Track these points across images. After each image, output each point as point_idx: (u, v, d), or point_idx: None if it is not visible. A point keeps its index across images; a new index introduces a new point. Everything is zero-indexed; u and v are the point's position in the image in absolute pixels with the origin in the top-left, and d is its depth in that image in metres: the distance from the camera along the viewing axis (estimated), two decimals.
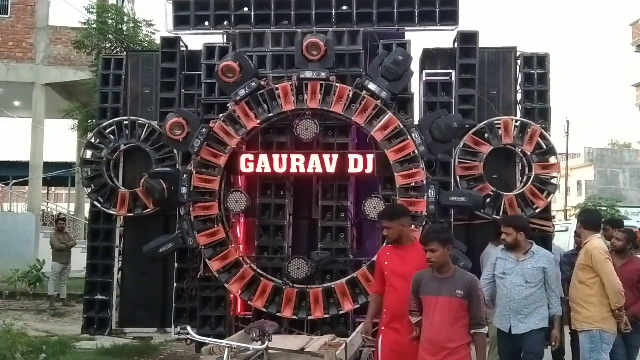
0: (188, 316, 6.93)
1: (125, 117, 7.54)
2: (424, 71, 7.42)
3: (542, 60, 7.34)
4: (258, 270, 6.66)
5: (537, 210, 6.95)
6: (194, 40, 7.87)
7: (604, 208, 32.12)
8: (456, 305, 4.13)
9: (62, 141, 23.99)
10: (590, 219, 5.75)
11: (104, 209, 7.45)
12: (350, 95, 6.56)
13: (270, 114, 6.66)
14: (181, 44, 7.59)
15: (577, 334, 5.65)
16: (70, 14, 16.31)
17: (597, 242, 5.44)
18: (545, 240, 7.01)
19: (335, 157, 6.59)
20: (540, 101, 7.25)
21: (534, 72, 7.30)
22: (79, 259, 12.34)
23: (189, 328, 4.50)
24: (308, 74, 6.55)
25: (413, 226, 6.30)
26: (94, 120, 10.00)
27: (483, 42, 7.29)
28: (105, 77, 7.81)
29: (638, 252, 6.55)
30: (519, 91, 7.36)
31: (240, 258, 6.68)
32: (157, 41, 8.80)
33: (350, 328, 6.40)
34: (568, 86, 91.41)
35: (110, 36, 14.09)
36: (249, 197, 6.66)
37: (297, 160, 6.61)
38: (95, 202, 7.51)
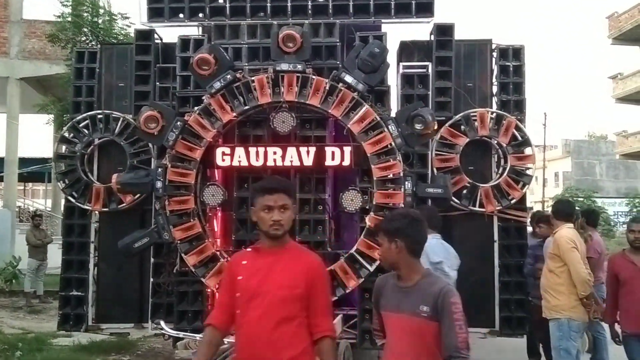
0: (165, 311, 6.86)
1: (100, 111, 7.44)
2: (400, 64, 7.41)
3: (517, 53, 7.39)
4: None
5: (512, 201, 7.02)
6: (168, 33, 7.79)
7: (581, 199, 32.65)
8: (419, 327, 2.93)
9: (38, 137, 23.67)
10: (562, 209, 5.81)
11: (79, 204, 7.36)
12: (327, 88, 6.53)
13: (247, 107, 6.61)
14: (156, 36, 7.51)
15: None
16: (45, 7, 16.13)
17: (565, 232, 5.50)
18: (520, 230, 7.09)
19: (312, 150, 6.57)
20: (516, 93, 7.30)
21: (509, 64, 7.35)
22: (55, 256, 12.17)
23: (162, 323, 4.47)
24: (284, 67, 6.50)
25: None
26: (68, 115, 9.87)
27: (459, 34, 7.34)
28: (79, 71, 7.71)
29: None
30: (495, 83, 7.40)
31: (217, 252, 6.64)
32: (133, 34, 8.71)
33: None
34: (546, 79, 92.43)
35: (86, 30, 13.93)
36: (225, 191, 6.61)
37: (274, 153, 6.58)
38: (70, 197, 7.42)
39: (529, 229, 7.56)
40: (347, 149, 6.55)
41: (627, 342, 5.21)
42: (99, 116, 7.42)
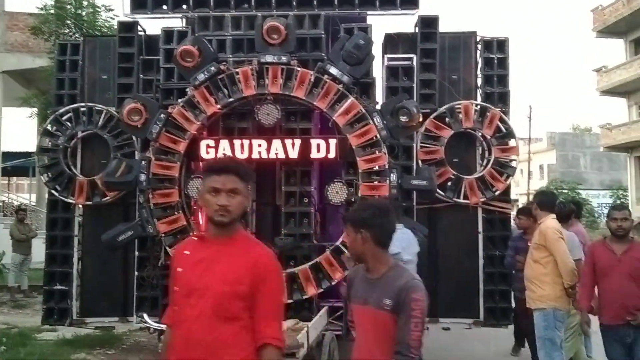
0: (150, 305, 6.84)
1: (83, 104, 7.40)
2: (385, 56, 7.41)
3: (501, 45, 7.42)
4: None
5: (496, 193, 7.07)
6: (152, 25, 7.72)
7: (566, 191, 32.94)
8: (383, 321, 2.79)
9: (22, 130, 23.42)
10: (546, 200, 5.82)
11: (62, 198, 7.31)
12: (312, 80, 6.52)
13: (231, 99, 6.58)
14: (139, 28, 7.45)
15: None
16: None
17: (551, 223, 5.53)
18: (504, 222, 7.14)
19: (297, 142, 6.56)
20: (500, 85, 7.33)
21: (493, 56, 7.38)
22: (40, 250, 12.06)
23: (145, 316, 4.45)
24: (269, 58, 6.48)
25: None
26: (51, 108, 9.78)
27: (444, 27, 7.37)
28: (62, 63, 7.65)
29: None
30: (479, 76, 7.43)
31: None
32: (116, 26, 8.63)
33: (314, 313, 6.41)
34: (531, 72, 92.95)
35: (69, 22, 13.78)
36: None
37: (259, 146, 6.56)
38: (53, 191, 7.37)
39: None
40: (333, 142, 6.55)
41: (603, 334, 5.13)
42: (82, 109, 7.37)
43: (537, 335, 5.51)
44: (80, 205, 7.33)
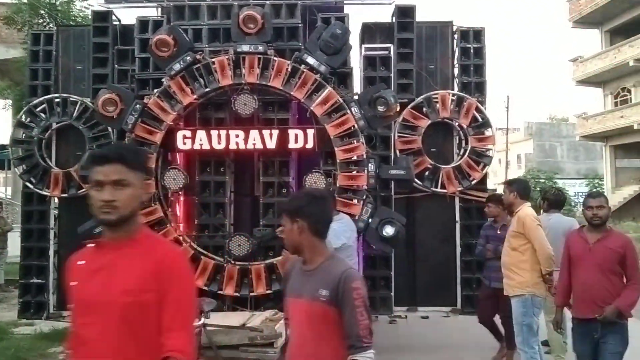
0: None
1: (57, 95, 7.30)
2: (363, 45, 7.42)
3: (478, 35, 7.46)
4: (198, 248, 6.58)
5: (473, 182, 7.14)
6: (127, 14, 7.63)
7: (543, 180, 33.34)
8: (318, 312, 2.64)
9: None
10: (524, 188, 5.84)
11: (37, 190, 7.22)
12: (289, 70, 6.49)
13: (207, 89, 6.53)
14: (114, 17, 7.35)
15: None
16: None
17: (528, 210, 5.58)
18: (481, 211, 7.20)
19: (275, 132, 6.54)
20: (477, 75, 7.39)
21: (470, 46, 7.42)
22: (16, 244, 11.92)
23: None
24: (245, 48, 6.44)
25: (355, 200, 6.43)
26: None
27: (421, 17, 7.38)
28: (35, 54, 7.53)
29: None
30: (456, 65, 7.47)
31: (180, 237, 6.58)
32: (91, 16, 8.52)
33: None
34: (508, 62, 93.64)
35: (42, 12, 13.54)
36: (187, 175, 6.54)
37: (237, 136, 6.53)
38: (28, 183, 7.28)
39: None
40: (311, 132, 6.54)
41: (572, 328, 4.89)
42: (56, 100, 7.27)
43: (515, 321, 5.54)
44: (56, 198, 7.24)
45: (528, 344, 5.43)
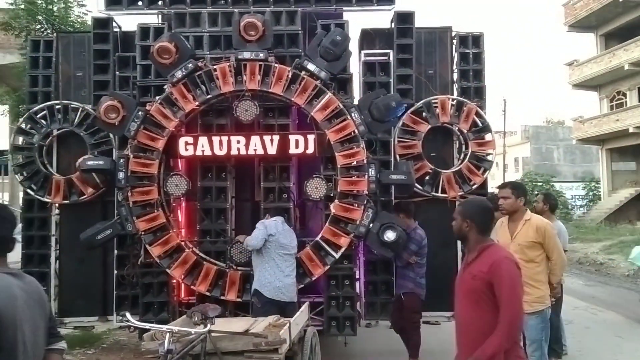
0: (130, 303, 6.81)
1: (57, 101, 7.30)
2: (362, 51, 7.45)
3: (476, 40, 7.51)
4: (200, 254, 6.61)
5: (474, 187, 7.16)
6: (127, 21, 7.66)
7: (540, 183, 33.42)
8: None
9: None
10: (525, 194, 5.33)
11: (38, 197, 7.21)
12: (290, 76, 6.53)
13: (209, 96, 6.56)
14: (114, 24, 7.36)
15: None
16: None
17: (542, 218, 5.34)
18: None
19: (276, 138, 6.58)
20: (476, 80, 7.43)
21: (469, 51, 7.46)
22: (15, 250, 11.89)
23: (128, 315, 4.41)
24: (246, 55, 6.48)
25: (356, 205, 6.46)
26: (25, 106, 9.63)
27: (420, 22, 7.43)
28: (35, 60, 7.52)
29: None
30: (455, 70, 7.51)
31: (182, 243, 6.60)
32: (90, 22, 8.51)
33: (295, 308, 6.44)
34: (504, 66, 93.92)
35: (40, 17, 13.51)
36: (189, 181, 6.56)
37: (238, 142, 6.56)
38: (29, 190, 7.26)
39: None
40: (311, 137, 6.58)
41: None
42: (57, 106, 7.27)
43: (532, 338, 5.05)
44: (57, 204, 7.24)
45: (546, 358, 5.18)
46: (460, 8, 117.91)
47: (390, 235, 6.42)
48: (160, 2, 7.27)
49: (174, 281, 6.70)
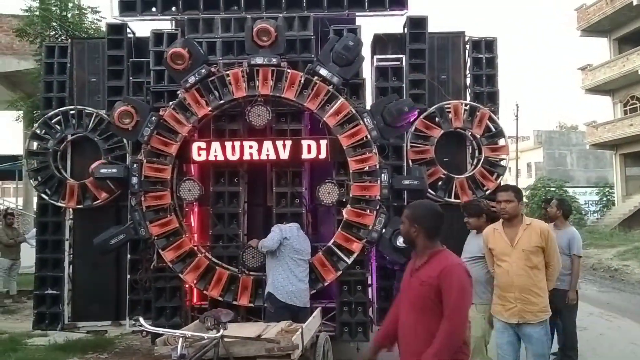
0: (143, 308, 6.83)
1: (72, 107, 7.36)
2: (375, 56, 7.45)
3: (490, 45, 7.48)
4: (213, 259, 6.62)
5: (487, 192, 7.11)
6: (141, 27, 7.70)
7: (553, 189, 33.17)
8: None
9: (7, 134, 23.19)
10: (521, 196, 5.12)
11: (52, 202, 7.27)
12: (302, 81, 6.54)
13: (222, 101, 6.59)
14: (128, 30, 7.42)
15: None
16: (12, 1, 15.74)
17: (542, 222, 5.24)
18: (495, 221, 7.17)
19: (288, 143, 6.59)
20: (489, 85, 7.40)
21: (482, 56, 7.44)
22: (28, 255, 11.98)
23: (141, 319, 4.42)
24: (259, 60, 6.49)
25: (368, 210, 6.45)
26: (39, 111, 9.72)
27: (432, 27, 7.39)
28: (50, 66, 7.59)
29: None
30: (468, 75, 7.48)
31: (195, 247, 6.61)
32: (104, 29, 8.59)
33: (308, 314, 6.43)
34: (517, 71, 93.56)
35: (54, 24, 13.66)
36: (202, 186, 6.58)
37: (251, 147, 6.58)
38: (43, 195, 7.32)
39: None
40: (323, 142, 6.58)
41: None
42: (72, 112, 7.32)
43: (538, 352, 4.74)
44: (71, 209, 7.29)
45: None
46: (473, 13, 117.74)
47: (402, 241, 6.38)
48: (173, 8, 7.31)
49: (187, 286, 6.71)
